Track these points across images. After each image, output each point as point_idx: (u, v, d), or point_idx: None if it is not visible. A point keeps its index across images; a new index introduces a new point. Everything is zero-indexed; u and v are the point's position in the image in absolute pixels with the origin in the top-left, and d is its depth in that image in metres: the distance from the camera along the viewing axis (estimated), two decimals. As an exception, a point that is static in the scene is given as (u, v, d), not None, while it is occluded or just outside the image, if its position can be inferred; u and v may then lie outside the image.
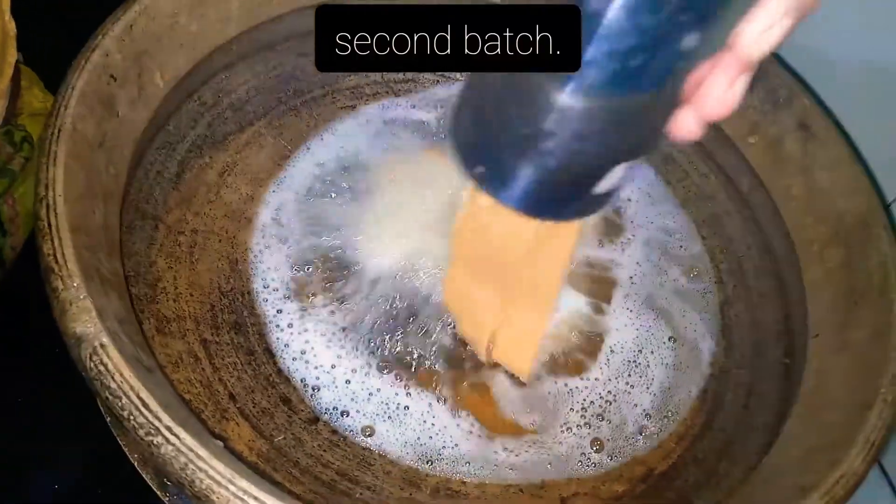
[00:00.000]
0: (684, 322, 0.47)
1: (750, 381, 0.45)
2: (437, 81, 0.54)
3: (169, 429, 0.26)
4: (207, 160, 0.46)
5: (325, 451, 0.38)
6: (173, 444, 0.26)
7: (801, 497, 0.32)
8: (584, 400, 0.42)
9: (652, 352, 0.45)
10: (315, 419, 0.39)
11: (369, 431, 0.39)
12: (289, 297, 0.43)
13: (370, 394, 0.40)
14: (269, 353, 0.41)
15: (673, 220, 0.51)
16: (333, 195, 0.47)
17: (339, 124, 0.51)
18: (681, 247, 0.50)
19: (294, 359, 0.40)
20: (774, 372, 0.45)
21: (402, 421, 0.40)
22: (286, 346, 0.41)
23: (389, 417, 0.39)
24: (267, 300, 0.42)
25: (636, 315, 0.46)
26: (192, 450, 0.26)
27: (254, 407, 0.38)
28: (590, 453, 0.40)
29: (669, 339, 0.46)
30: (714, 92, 0.24)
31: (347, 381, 0.40)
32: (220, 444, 0.28)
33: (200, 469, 0.26)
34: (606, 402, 0.42)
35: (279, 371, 0.40)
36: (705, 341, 0.46)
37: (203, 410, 0.37)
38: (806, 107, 0.46)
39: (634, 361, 0.44)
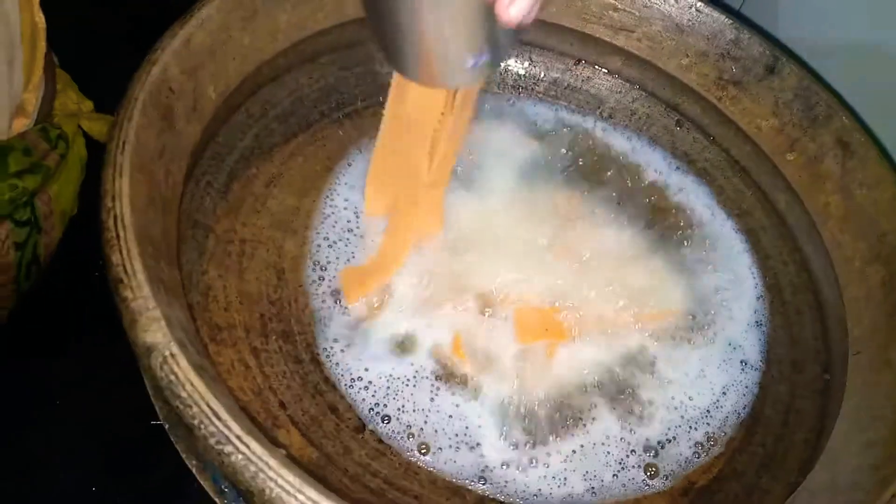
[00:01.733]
0: (739, 339, 0.47)
1: (789, 397, 0.45)
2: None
3: (239, 438, 0.27)
4: (254, 171, 0.47)
5: (372, 459, 0.39)
6: (243, 454, 0.27)
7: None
8: (646, 418, 0.43)
9: (716, 369, 0.46)
10: (362, 427, 0.39)
11: (415, 441, 0.39)
12: (334, 306, 0.43)
13: (417, 404, 0.40)
14: (316, 362, 0.41)
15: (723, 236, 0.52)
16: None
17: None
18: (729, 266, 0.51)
19: (339, 367, 0.41)
20: (814, 388, 0.45)
21: (450, 431, 0.40)
22: (332, 354, 0.42)
23: (436, 429, 0.40)
24: (313, 309, 0.43)
25: (702, 334, 0.47)
26: (261, 459, 0.27)
27: (303, 415, 0.39)
28: (642, 475, 0.41)
29: (741, 362, 0.46)
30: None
31: (392, 390, 0.41)
32: (283, 452, 0.29)
33: (270, 478, 0.26)
34: (670, 421, 0.43)
35: (326, 379, 0.41)
36: (748, 357, 0.47)
37: (255, 418, 0.37)
38: (845, 124, 0.47)
39: (700, 377, 0.45)
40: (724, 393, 0.45)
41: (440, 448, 0.39)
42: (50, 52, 0.53)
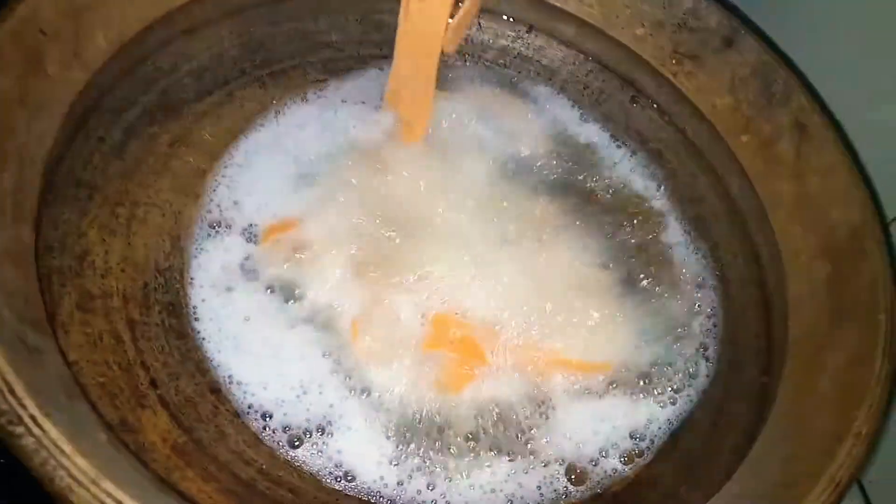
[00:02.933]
0: (690, 358, 0.43)
1: (723, 398, 0.42)
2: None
3: (33, 418, 0.24)
4: (157, 129, 0.43)
5: (249, 447, 0.35)
6: (35, 436, 0.23)
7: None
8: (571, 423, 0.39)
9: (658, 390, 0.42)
10: (243, 412, 0.36)
11: (291, 433, 0.36)
12: (231, 281, 0.40)
13: (302, 392, 0.37)
14: (203, 339, 0.38)
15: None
16: (292, 175, 0.45)
17: (306, 99, 0.48)
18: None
19: (228, 347, 0.38)
20: (750, 391, 0.41)
21: (338, 432, 0.36)
22: (221, 331, 0.38)
23: (322, 427, 0.36)
24: (207, 282, 0.40)
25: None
26: (55, 444, 0.23)
27: (176, 395, 0.36)
28: (564, 483, 0.37)
29: (689, 373, 0.42)
30: None
31: (282, 376, 0.37)
32: (104, 437, 0.26)
33: (62, 466, 0.23)
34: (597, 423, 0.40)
35: (210, 358, 0.37)
36: (698, 369, 0.43)
37: (117, 395, 0.34)
38: (803, 105, 0.43)
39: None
40: (662, 406, 0.41)
41: (316, 442, 0.36)
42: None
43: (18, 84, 0.33)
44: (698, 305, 0.45)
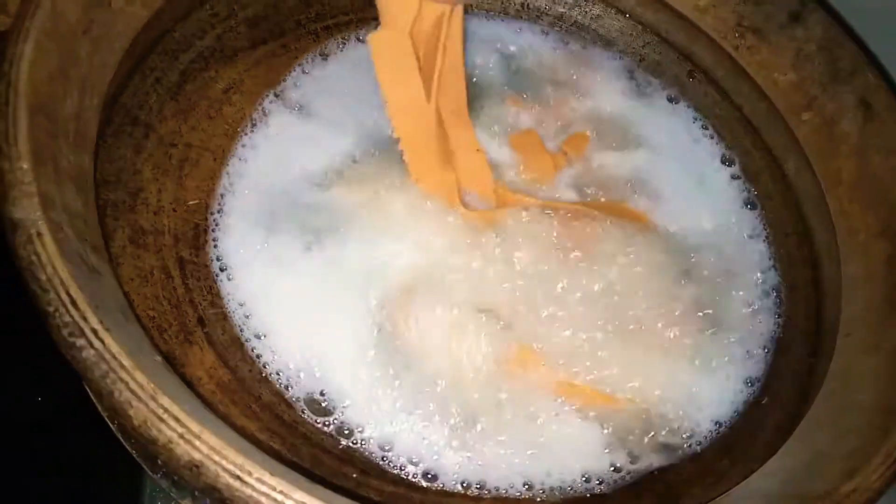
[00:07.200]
0: (729, 312, 0.42)
1: (768, 376, 0.41)
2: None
3: (94, 332, 0.24)
4: (213, 74, 0.43)
5: (290, 389, 0.35)
6: (96, 349, 0.23)
7: (805, 506, 0.28)
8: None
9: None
10: (286, 357, 0.36)
11: (328, 396, 0.36)
12: (277, 230, 0.40)
13: (339, 355, 0.37)
14: (247, 285, 0.38)
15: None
16: (336, 125, 0.45)
17: (359, 52, 0.48)
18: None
19: (268, 296, 0.37)
20: (797, 370, 0.40)
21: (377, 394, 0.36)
22: (270, 278, 0.38)
23: (368, 390, 0.36)
24: (254, 228, 0.40)
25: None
26: (115, 357, 0.23)
27: (223, 334, 0.36)
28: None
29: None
30: None
31: (320, 333, 0.37)
32: (158, 359, 0.26)
33: (122, 380, 0.23)
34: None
35: (254, 305, 0.37)
36: (735, 333, 0.42)
37: (166, 329, 0.34)
38: (870, 82, 0.41)
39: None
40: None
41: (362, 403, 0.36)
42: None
43: (84, 13, 0.33)
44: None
